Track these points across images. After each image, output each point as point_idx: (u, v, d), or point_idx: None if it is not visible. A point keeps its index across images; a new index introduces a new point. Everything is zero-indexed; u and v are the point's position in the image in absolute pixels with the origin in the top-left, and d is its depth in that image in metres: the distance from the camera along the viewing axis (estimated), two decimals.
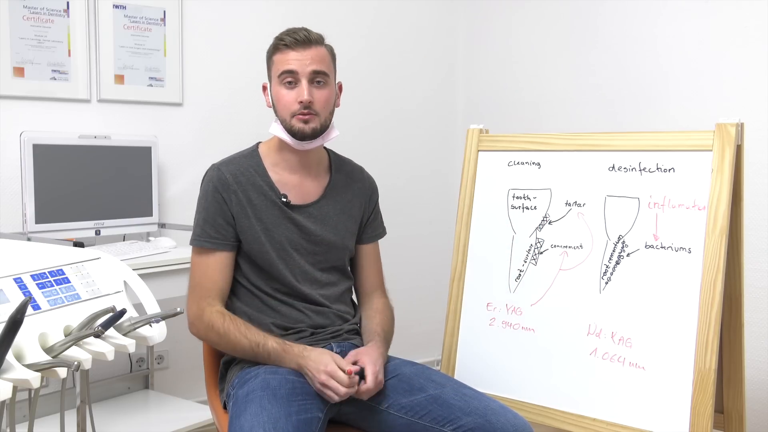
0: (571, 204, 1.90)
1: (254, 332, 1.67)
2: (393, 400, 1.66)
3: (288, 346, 1.65)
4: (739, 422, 1.86)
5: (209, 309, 1.70)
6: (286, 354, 1.65)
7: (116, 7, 2.60)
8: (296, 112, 1.71)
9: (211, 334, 1.70)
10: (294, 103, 1.70)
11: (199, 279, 1.73)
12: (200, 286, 1.72)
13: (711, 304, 1.64)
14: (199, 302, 1.71)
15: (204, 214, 1.74)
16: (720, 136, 1.69)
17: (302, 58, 1.70)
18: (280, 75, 1.71)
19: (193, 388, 2.79)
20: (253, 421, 1.48)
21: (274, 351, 1.65)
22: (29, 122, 2.42)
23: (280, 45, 1.71)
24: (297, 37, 1.70)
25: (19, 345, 1.20)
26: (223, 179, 1.73)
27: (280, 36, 1.73)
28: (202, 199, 1.75)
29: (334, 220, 1.81)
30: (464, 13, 3.64)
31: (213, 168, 1.77)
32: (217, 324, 1.68)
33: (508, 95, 3.45)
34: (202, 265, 1.73)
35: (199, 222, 1.74)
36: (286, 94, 1.71)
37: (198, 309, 1.71)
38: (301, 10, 3.09)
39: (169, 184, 2.76)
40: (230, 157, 1.79)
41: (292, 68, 1.70)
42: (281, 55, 1.71)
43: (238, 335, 1.67)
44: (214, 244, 1.72)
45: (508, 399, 1.89)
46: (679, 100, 2.86)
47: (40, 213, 2.29)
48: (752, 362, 2.55)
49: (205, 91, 2.85)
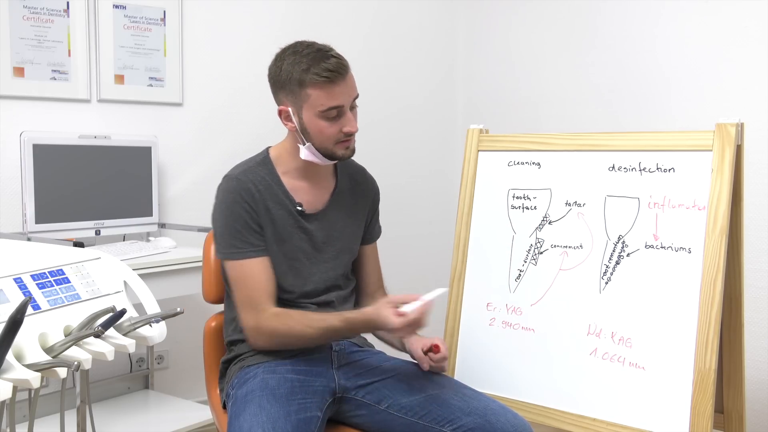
0: (571, 204, 1.90)
1: (314, 318, 1.65)
2: (393, 400, 1.66)
3: (349, 320, 1.64)
4: (739, 422, 1.86)
5: (263, 316, 1.64)
6: (353, 327, 1.64)
7: (116, 7, 2.60)
8: (340, 140, 1.68)
9: (276, 339, 1.66)
10: (338, 133, 1.67)
11: (247, 291, 1.66)
12: (250, 297, 1.66)
13: (711, 304, 1.64)
14: (254, 315, 1.65)
15: (235, 226, 1.66)
16: (720, 136, 1.69)
17: (345, 91, 1.64)
18: (325, 110, 1.63)
19: (193, 388, 2.79)
20: (252, 421, 1.48)
21: (341, 329, 1.63)
22: (29, 122, 2.42)
23: (318, 80, 1.60)
24: (336, 69, 1.61)
25: (19, 345, 1.20)
26: (247, 188, 1.68)
27: (316, 71, 1.60)
28: (227, 211, 1.67)
29: (341, 225, 1.80)
30: (464, 13, 3.64)
31: (231, 179, 1.70)
32: (278, 328, 1.64)
33: (508, 95, 3.45)
34: (247, 275, 1.66)
35: (231, 234, 1.67)
36: (329, 126, 1.65)
37: (254, 321, 1.65)
38: (301, 10, 3.09)
39: (169, 184, 2.76)
40: (244, 166, 1.73)
41: (338, 104, 1.63)
42: (322, 91, 1.61)
43: (301, 328, 1.64)
44: (256, 252, 1.67)
45: (508, 399, 1.89)
46: (679, 100, 2.86)
47: (40, 213, 2.29)
48: (752, 362, 2.55)
49: (205, 91, 2.85)
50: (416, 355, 1.71)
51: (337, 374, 1.70)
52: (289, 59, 1.65)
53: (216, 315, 1.89)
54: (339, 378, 1.69)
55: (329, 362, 1.71)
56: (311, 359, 1.70)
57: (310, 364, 1.69)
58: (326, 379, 1.67)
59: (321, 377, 1.67)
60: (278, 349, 1.69)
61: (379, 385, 1.69)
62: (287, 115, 1.69)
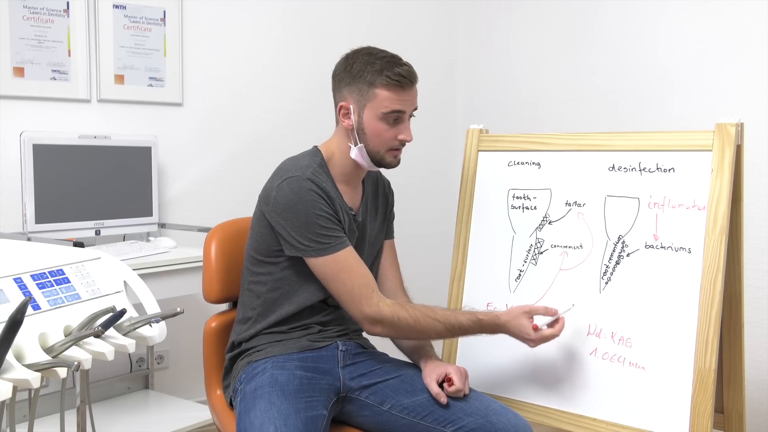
0: (571, 204, 1.90)
1: (440, 313, 1.67)
2: (395, 401, 1.67)
3: (481, 321, 1.69)
4: (739, 422, 1.86)
5: (383, 303, 1.64)
6: (481, 330, 1.70)
7: (116, 7, 2.60)
8: (393, 147, 1.71)
9: (400, 329, 1.65)
10: (393, 139, 1.70)
11: (355, 281, 1.64)
12: (360, 287, 1.64)
13: (711, 304, 1.64)
14: (370, 304, 1.63)
15: (319, 222, 1.63)
16: (720, 136, 1.69)
17: (410, 99, 1.70)
18: (388, 113, 1.67)
19: (193, 388, 2.79)
20: (263, 417, 1.49)
21: (470, 328, 1.69)
22: (29, 122, 2.42)
23: (390, 82, 1.66)
24: (407, 76, 1.67)
25: (19, 345, 1.20)
26: (322, 187, 1.66)
27: (389, 73, 1.65)
28: (310, 208, 1.63)
29: (370, 228, 1.83)
30: (464, 13, 3.64)
31: (303, 179, 1.65)
32: (404, 317, 1.64)
33: (508, 95, 3.45)
34: (350, 264, 1.65)
35: (320, 229, 1.63)
36: (387, 129, 1.68)
37: (373, 310, 1.63)
38: (300, 10, 3.09)
39: (169, 184, 2.76)
40: (308, 168, 1.68)
41: (401, 109, 1.68)
42: (390, 93, 1.66)
43: (430, 321, 1.65)
44: (347, 242, 1.67)
45: (508, 399, 1.89)
46: (679, 100, 2.86)
47: (40, 213, 2.29)
48: (752, 362, 2.55)
49: (205, 91, 2.85)
50: (432, 390, 1.67)
51: (342, 373, 1.70)
52: (363, 59, 1.69)
53: (216, 315, 1.89)
54: (344, 377, 1.70)
55: (336, 361, 1.72)
56: (319, 356, 1.70)
57: (318, 361, 1.69)
58: (332, 378, 1.68)
59: (328, 375, 1.68)
60: (397, 338, 1.76)
61: (382, 386, 1.70)
62: (346, 112, 1.71)
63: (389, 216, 1.93)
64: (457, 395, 1.66)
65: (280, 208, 1.64)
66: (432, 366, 1.72)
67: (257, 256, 1.73)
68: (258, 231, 1.72)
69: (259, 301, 1.74)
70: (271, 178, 1.71)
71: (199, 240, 2.06)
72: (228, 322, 1.87)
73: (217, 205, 2.89)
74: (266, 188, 1.70)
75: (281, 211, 1.64)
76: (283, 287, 1.72)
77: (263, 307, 1.73)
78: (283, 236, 1.65)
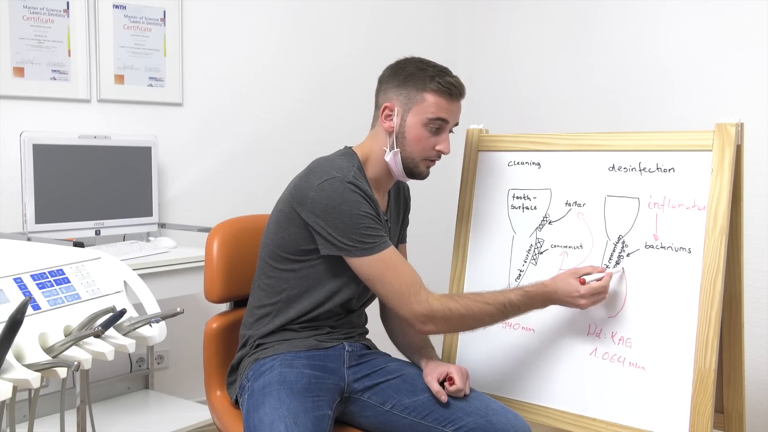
0: (571, 204, 1.90)
1: (488, 296, 1.66)
2: (396, 401, 1.67)
3: (529, 293, 1.68)
4: (739, 422, 1.86)
5: (432, 299, 1.63)
6: (531, 302, 1.69)
7: (116, 7, 2.60)
8: (429, 157, 1.72)
9: (454, 317, 1.63)
10: (431, 149, 1.70)
11: (402, 279, 1.64)
12: (408, 285, 1.63)
13: (711, 304, 1.63)
14: (419, 301, 1.62)
15: (363, 222, 1.61)
16: (720, 136, 1.69)
17: (455, 110, 1.72)
18: (433, 119, 1.68)
19: (193, 388, 2.79)
20: (273, 414, 1.49)
21: (520, 303, 1.67)
22: (29, 122, 2.42)
23: (441, 89, 1.67)
24: (458, 87, 1.70)
25: (19, 345, 1.20)
26: (364, 189, 1.65)
27: (440, 80, 1.67)
28: (354, 208, 1.61)
29: (393, 232, 1.84)
30: (464, 13, 3.64)
31: (345, 181, 1.62)
32: (455, 308, 1.63)
33: (508, 95, 3.45)
34: (396, 263, 1.65)
35: (365, 229, 1.62)
36: (428, 137, 1.69)
37: (424, 307, 1.62)
38: (300, 10, 3.09)
39: (169, 184, 2.76)
40: (347, 169, 1.67)
41: (446, 117, 1.69)
42: (440, 99, 1.68)
43: (480, 305, 1.64)
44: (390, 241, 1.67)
45: (508, 399, 1.89)
46: (679, 100, 2.86)
47: (40, 213, 2.29)
48: (752, 362, 2.55)
49: (205, 91, 2.85)
50: (432, 388, 1.67)
51: (347, 373, 1.71)
52: (415, 64, 1.73)
53: (217, 316, 1.89)
54: (348, 378, 1.70)
55: (342, 361, 1.72)
56: (326, 355, 1.71)
57: (325, 360, 1.70)
58: (337, 378, 1.69)
59: (333, 375, 1.68)
60: (453, 332, 1.78)
61: (384, 386, 1.71)
62: (389, 114, 1.71)
63: (405, 221, 1.95)
64: (458, 395, 1.66)
65: (319, 208, 1.62)
66: (433, 365, 1.72)
67: (282, 254, 1.71)
68: (286, 229, 1.69)
69: (281, 296, 1.72)
70: (304, 177, 1.68)
71: (199, 240, 2.06)
72: (229, 323, 1.87)
73: (217, 205, 2.89)
74: (300, 187, 1.66)
75: (320, 211, 1.62)
76: (308, 284, 1.70)
77: (285, 302, 1.72)
78: (323, 236, 1.63)
